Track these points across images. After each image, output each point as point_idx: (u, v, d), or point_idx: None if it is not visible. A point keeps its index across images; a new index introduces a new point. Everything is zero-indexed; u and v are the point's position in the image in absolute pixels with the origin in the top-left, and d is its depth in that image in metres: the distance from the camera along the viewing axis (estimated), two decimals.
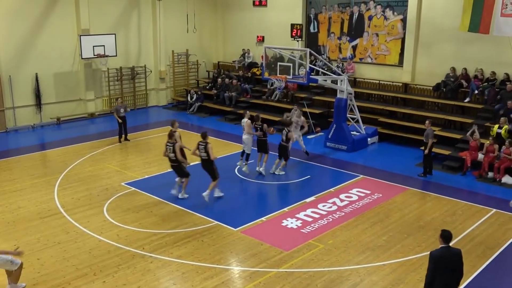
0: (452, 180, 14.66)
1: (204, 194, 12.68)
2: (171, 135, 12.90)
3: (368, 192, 13.59)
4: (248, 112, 15.43)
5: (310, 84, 17.55)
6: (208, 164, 12.72)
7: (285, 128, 14.82)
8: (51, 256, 9.98)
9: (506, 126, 15.04)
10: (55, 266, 9.60)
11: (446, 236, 6.91)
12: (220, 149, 14.89)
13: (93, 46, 21.14)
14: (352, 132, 17.86)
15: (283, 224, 11.55)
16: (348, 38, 21.64)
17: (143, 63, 24.27)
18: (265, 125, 14.82)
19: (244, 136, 14.82)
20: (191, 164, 13.57)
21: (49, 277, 9.22)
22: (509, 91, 16.23)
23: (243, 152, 14.92)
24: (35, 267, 9.56)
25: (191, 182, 14.20)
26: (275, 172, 14.89)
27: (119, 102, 18.73)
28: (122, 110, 18.09)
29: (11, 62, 19.96)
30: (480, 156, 14.99)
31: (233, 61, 25.48)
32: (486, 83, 17.24)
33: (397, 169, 15.53)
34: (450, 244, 6.94)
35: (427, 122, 14.93)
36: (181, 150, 12.90)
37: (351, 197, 13.24)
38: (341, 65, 21.00)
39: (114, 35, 21.91)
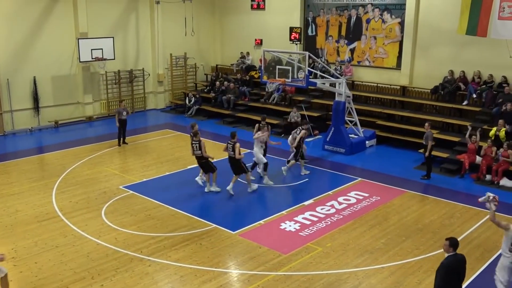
0: (450, 183, 14.68)
1: (249, 189, 13.59)
2: (195, 133, 13.36)
3: (366, 195, 13.60)
4: (269, 127, 14.95)
5: (309, 87, 17.57)
6: (235, 162, 13.29)
7: (300, 127, 15.04)
8: (49, 260, 9.96)
9: (504, 129, 15.07)
10: (53, 270, 9.57)
11: (455, 244, 7.09)
12: (218, 152, 14.91)
13: (91, 50, 21.13)
14: (350, 135, 17.87)
15: (282, 227, 11.54)
16: (346, 41, 21.68)
17: (141, 66, 24.27)
18: (268, 127, 14.99)
19: (255, 149, 14.45)
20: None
21: (46, 281, 9.19)
22: (507, 94, 16.28)
23: (254, 164, 14.66)
24: (32, 271, 9.53)
25: (193, 185, 14.24)
26: (284, 172, 14.99)
27: (122, 105, 18.67)
28: (124, 113, 18.08)
29: (9, 65, 19.94)
30: (478, 158, 15.02)
31: (231, 64, 25.50)
32: (484, 86, 17.27)
33: (395, 172, 15.54)
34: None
35: (426, 124, 14.96)
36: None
37: (349, 200, 13.23)
38: (339, 68, 21.02)
39: (112, 39, 21.91)
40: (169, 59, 25.02)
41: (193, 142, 13.31)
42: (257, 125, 15.35)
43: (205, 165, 13.51)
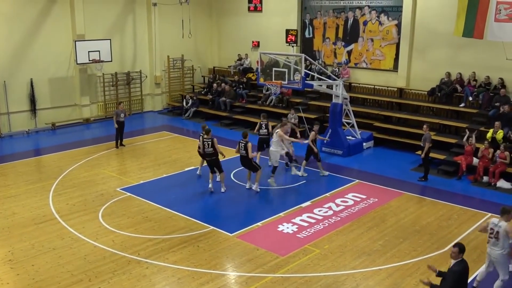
0: (448, 185, 14.70)
1: (254, 187, 13.75)
2: (208, 131, 13.63)
3: (364, 196, 13.61)
4: (287, 122, 14.98)
5: (306, 89, 17.60)
6: (247, 160, 13.57)
7: (313, 128, 15.36)
8: (46, 262, 9.93)
9: (501, 131, 15.11)
10: (50, 272, 9.54)
11: (464, 249, 7.21)
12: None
13: (88, 52, 21.13)
14: (347, 137, 17.89)
15: (279, 229, 11.54)
16: (343, 43, 21.71)
17: (139, 68, 24.26)
18: (270, 125, 15.56)
19: (272, 148, 14.49)
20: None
21: (44, 284, 9.16)
22: (503, 96, 16.32)
23: (275, 168, 14.36)
24: (29, 274, 9.50)
25: (190, 187, 14.23)
26: (298, 173, 15.16)
27: (121, 107, 18.66)
28: (122, 115, 18.08)
29: (6, 67, 19.90)
30: (475, 160, 15.04)
31: (228, 66, 25.51)
32: (481, 87, 17.29)
33: (392, 173, 15.56)
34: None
35: (425, 126, 14.98)
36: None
37: (346, 201, 13.24)
38: (337, 69, 21.04)
39: (109, 41, 21.90)
40: (166, 61, 25.01)
41: (205, 139, 13.49)
42: (259, 123, 15.85)
43: (215, 162, 13.65)
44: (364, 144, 18.22)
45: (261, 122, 15.83)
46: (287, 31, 21.36)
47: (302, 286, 9.14)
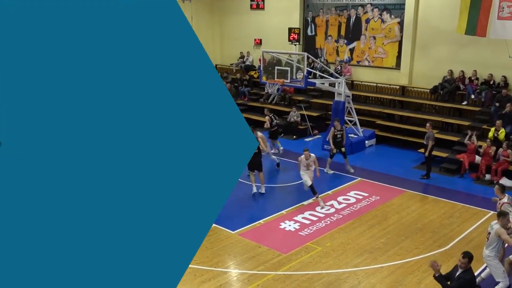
0: (450, 183, 14.68)
1: (261, 190, 13.53)
2: None
3: (366, 194, 13.60)
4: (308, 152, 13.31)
5: (308, 86, 17.61)
6: (257, 158, 13.37)
7: (334, 126, 15.50)
8: None
9: (503, 130, 15.07)
10: None
11: (472, 258, 7.29)
12: None
13: None
14: (349, 135, 17.87)
15: (281, 227, 11.55)
16: (345, 41, 21.67)
17: None
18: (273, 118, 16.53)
19: (301, 172, 13.30)
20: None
21: None
22: (505, 96, 16.26)
23: (311, 187, 12.95)
24: None
25: None
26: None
27: None
28: None
29: None
30: (478, 158, 15.02)
31: (230, 64, 25.51)
32: (483, 84, 17.25)
33: (394, 171, 15.54)
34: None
35: (428, 124, 14.94)
36: None
37: (348, 199, 13.24)
38: (339, 67, 21.01)
39: None
40: None
41: None
42: (269, 116, 16.71)
43: None
44: (366, 142, 18.22)
45: (269, 115, 16.72)
46: (290, 30, 21.36)
47: (304, 283, 9.15)
